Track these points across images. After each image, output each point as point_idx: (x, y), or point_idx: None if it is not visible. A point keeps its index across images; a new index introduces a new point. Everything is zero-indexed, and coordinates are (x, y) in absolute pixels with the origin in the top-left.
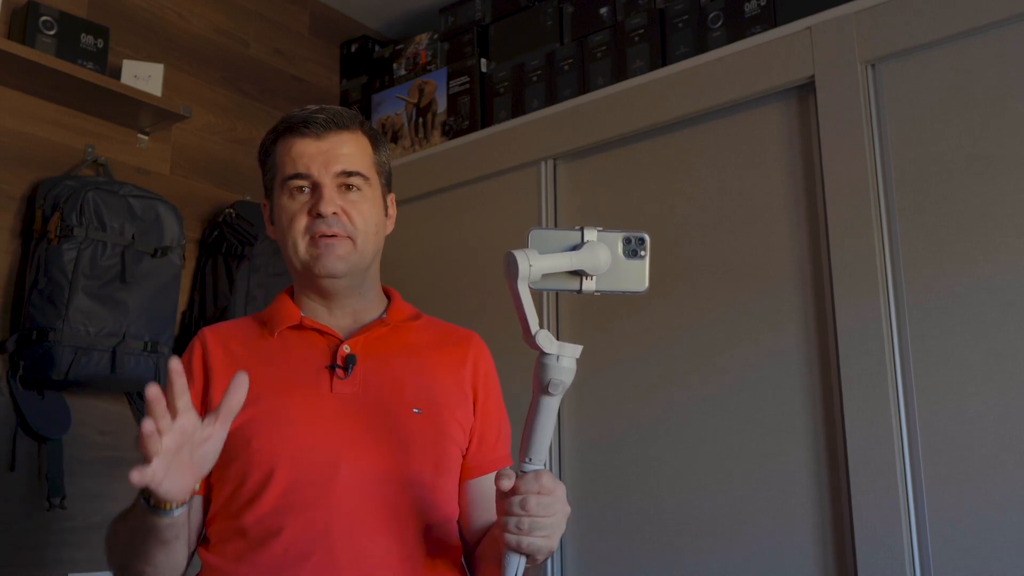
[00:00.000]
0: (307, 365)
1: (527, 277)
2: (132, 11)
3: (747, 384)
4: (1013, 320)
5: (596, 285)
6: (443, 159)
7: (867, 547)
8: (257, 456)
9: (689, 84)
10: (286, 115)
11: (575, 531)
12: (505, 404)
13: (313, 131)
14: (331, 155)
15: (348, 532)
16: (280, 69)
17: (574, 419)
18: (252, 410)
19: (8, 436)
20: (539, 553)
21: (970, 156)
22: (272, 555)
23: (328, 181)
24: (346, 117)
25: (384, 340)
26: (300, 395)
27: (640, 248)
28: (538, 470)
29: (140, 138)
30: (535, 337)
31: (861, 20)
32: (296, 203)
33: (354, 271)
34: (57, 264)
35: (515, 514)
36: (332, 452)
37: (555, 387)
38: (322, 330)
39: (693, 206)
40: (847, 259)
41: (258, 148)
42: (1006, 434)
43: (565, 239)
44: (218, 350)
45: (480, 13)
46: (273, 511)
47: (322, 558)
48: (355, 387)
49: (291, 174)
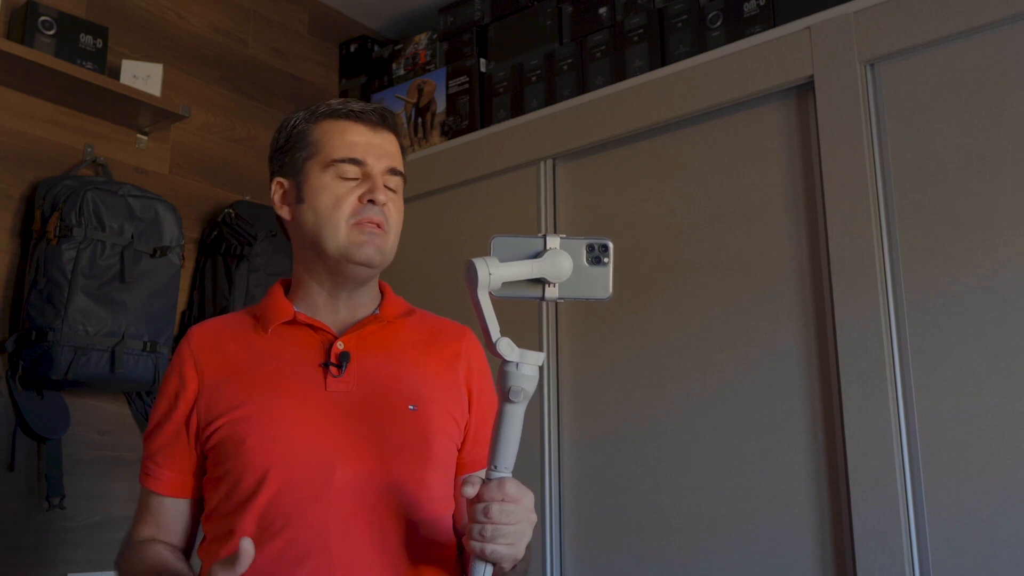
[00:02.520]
0: (301, 362)
1: (487, 285)
2: (131, 11)
3: (746, 383)
4: (1012, 318)
5: (559, 292)
6: (442, 159)
7: (866, 545)
8: (251, 456)
9: (688, 84)
10: (328, 102)
11: (574, 531)
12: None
13: (369, 122)
14: (383, 150)
15: (344, 534)
16: (279, 69)
17: (573, 418)
18: (245, 408)
19: (7, 436)
20: (503, 560)
21: (969, 155)
22: (268, 557)
23: (379, 173)
24: (393, 119)
25: (378, 336)
26: (294, 393)
27: (603, 255)
28: (503, 477)
29: (139, 138)
30: (496, 345)
31: (860, 20)
32: (344, 187)
33: (383, 264)
34: (56, 264)
35: (479, 521)
36: (327, 452)
37: (516, 394)
38: (316, 326)
39: (692, 206)
40: (846, 258)
41: (284, 127)
42: (1005, 433)
43: (527, 246)
44: (208, 350)
45: (479, 13)
46: (268, 512)
47: (319, 561)
48: (349, 385)
49: (345, 157)
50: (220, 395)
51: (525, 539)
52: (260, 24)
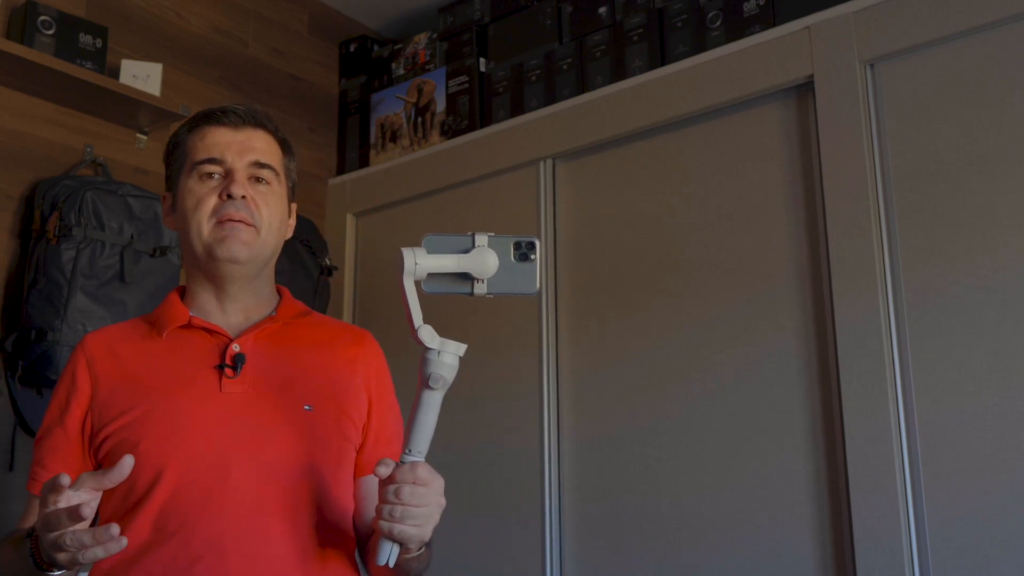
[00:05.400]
0: (195, 365)
1: (412, 273)
2: (131, 11)
3: (746, 383)
4: (1012, 318)
5: (487, 288)
6: (442, 159)
7: (866, 546)
8: (144, 458)
9: (688, 84)
10: (203, 109)
11: (574, 531)
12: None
13: (231, 121)
14: (246, 145)
15: (241, 534)
16: (279, 68)
17: (573, 418)
18: (139, 411)
19: (7, 436)
20: (410, 541)
21: (968, 155)
22: (163, 559)
23: (241, 168)
24: (262, 117)
25: (274, 338)
26: (189, 395)
27: (530, 252)
28: (415, 461)
29: (139, 138)
30: (418, 331)
31: (860, 20)
32: (205, 187)
33: (254, 260)
34: (56, 264)
35: (389, 502)
36: (222, 452)
37: (435, 381)
38: (211, 329)
39: (692, 205)
40: (846, 258)
41: (169, 142)
42: (1005, 433)
43: (457, 244)
44: (102, 355)
45: (479, 13)
46: (163, 514)
47: (212, 562)
48: (245, 386)
49: (204, 158)
50: (113, 401)
51: (432, 522)
52: (260, 24)
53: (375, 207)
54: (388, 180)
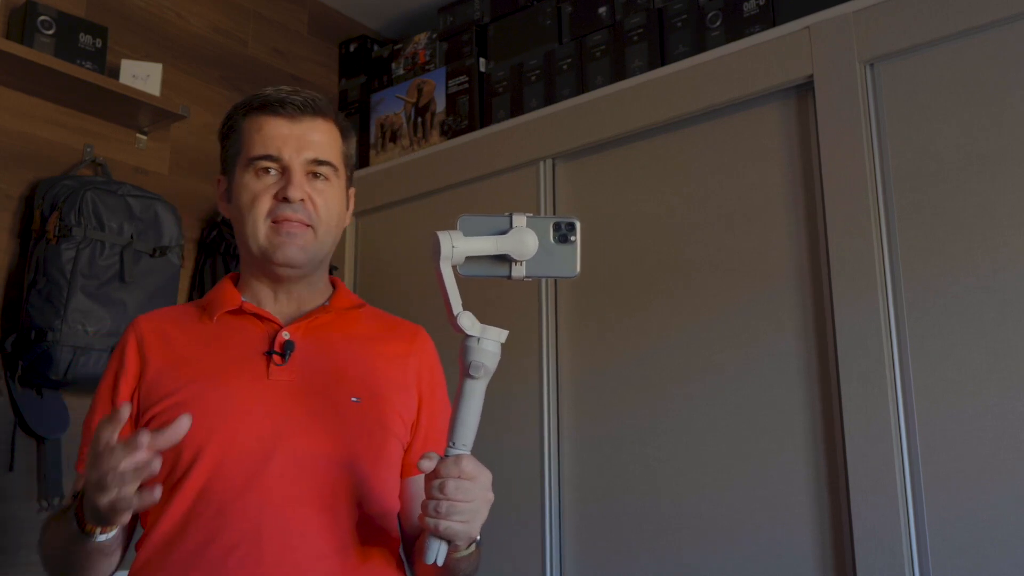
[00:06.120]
0: (244, 350)
1: (449, 257)
2: (130, 11)
3: (746, 383)
4: (1012, 319)
5: (526, 271)
6: (442, 159)
7: (866, 546)
8: (187, 439)
9: (688, 84)
10: (257, 92)
11: (574, 531)
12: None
13: (288, 113)
14: (304, 140)
15: (279, 524)
16: (279, 68)
17: (573, 418)
18: (185, 393)
19: (7, 436)
20: (457, 538)
21: (969, 155)
22: (198, 542)
23: (298, 166)
24: (322, 104)
25: (326, 328)
26: (235, 380)
27: (570, 233)
28: (460, 454)
29: (139, 138)
30: (457, 318)
31: (860, 20)
32: (261, 184)
33: (311, 262)
34: (56, 264)
35: (434, 497)
36: (264, 439)
37: (476, 369)
38: (262, 315)
39: (692, 205)
40: (846, 258)
41: (225, 121)
42: (1005, 433)
43: (494, 224)
44: (152, 337)
45: (479, 13)
46: (201, 497)
47: (248, 549)
48: (292, 374)
49: (260, 154)
50: (161, 381)
51: (480, 518)
52: (260, 24)
53: (375, 207)
54: (388, 180)
